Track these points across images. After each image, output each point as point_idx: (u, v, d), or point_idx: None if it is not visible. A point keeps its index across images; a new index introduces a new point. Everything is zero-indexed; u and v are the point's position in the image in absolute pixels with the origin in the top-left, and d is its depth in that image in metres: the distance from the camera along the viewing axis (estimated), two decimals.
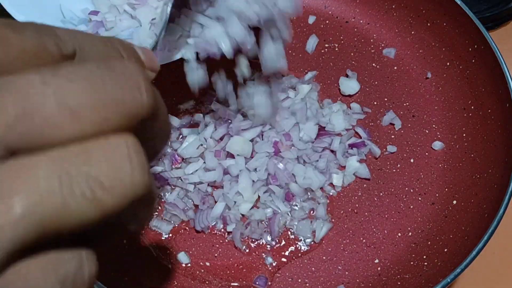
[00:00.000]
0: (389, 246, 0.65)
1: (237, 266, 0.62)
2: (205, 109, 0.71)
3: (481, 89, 0.70)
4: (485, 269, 0.68)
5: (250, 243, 0.64)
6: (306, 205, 0.65)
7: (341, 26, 0.81)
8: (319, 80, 0.76)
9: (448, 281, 0.55)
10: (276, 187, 0.64)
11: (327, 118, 0.71)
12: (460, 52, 0.73)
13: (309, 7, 0.82)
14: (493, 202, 0.60)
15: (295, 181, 0.65)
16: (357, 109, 0.74)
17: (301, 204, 0.65)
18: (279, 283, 0.62)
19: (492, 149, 0.66)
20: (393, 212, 0.67)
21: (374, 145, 0.70)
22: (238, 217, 0.63)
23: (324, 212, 0.65)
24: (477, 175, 0.66)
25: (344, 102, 0.74)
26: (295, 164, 0.65)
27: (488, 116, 0.68)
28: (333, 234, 0.65)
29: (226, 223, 0.63)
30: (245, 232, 0.63)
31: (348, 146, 0.69)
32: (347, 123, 0.71)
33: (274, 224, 0.63)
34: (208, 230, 0.64)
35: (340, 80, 0.76)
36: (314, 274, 0.62)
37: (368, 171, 0.68)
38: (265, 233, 0.64)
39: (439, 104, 0.74)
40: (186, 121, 0.70)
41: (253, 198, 0.64)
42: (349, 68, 0.77)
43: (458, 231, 0.63)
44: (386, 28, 0.80)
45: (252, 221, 0.63)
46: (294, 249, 0.64)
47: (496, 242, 0.59)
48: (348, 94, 0.75)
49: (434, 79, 0.76)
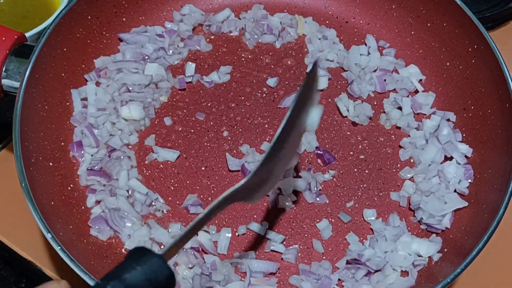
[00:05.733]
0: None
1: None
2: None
3: (481, 89, 0.70)
4: (485, 269, 0.68)
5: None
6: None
7: (341, 26, 0.81)
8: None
9: (448, 281, 0.55)
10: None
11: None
12: (460, 52, 0.72)
13: (309, 7, 0.82)
14: (493, 202, 0.60)
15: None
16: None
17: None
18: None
19: (492, 149, 0.66)
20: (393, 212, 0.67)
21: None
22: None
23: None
24: (477, 175, 0.66)
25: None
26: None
27: (488, 116, 0.68)
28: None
29: None
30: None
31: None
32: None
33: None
34: None
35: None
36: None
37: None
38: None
39: (439, 104, 0.74)
40: None
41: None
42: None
43: (458, 231, 0.63)
44: (386, 28, 0.80)
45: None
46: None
47: (496, 242, 0.59)
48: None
49: (434, 79, 0.76)
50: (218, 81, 0.75)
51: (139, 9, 0.78)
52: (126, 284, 0.37)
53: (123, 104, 0.69)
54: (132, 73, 0.72)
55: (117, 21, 0.76)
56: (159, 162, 0.69)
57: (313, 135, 0.71)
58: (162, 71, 0.73)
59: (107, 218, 0.63)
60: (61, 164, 0.66)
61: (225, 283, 0.60)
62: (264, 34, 0.78)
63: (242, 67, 0.77)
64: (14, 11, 0.82)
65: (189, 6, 0.80)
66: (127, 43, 0.75)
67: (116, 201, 0.64)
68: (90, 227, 0.63)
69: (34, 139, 0.63)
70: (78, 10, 0.70)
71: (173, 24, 0.78)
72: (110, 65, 0.72)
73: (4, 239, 0.69)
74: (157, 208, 0.65)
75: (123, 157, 0.67)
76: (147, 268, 0.38)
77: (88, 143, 0.68)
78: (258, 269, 0.61)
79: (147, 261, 0.38)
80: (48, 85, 0.67)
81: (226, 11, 0.80)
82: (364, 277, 0.61)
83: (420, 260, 0.62)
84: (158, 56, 0.75)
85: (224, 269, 0.61)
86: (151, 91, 0.72)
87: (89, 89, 0.70)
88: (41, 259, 0.68)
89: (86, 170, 0.66)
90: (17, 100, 0.61)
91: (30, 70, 0.62)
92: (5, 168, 0.74)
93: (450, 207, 0.64)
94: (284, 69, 0.77)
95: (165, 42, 0.76)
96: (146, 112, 0.71)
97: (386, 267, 0.61)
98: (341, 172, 0.69)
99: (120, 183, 0.66)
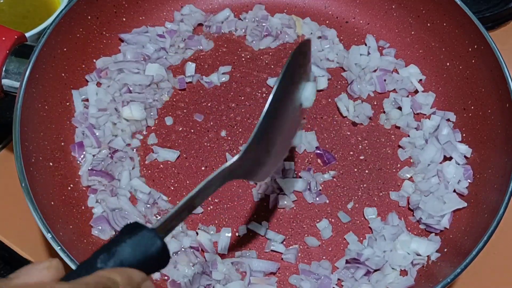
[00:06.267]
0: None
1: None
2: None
3: (481, 89, 0.70)
4: (485, 269, 0.68)
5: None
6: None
7: (341, 26, 0.81)
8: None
9: (448, 281, 0.55)
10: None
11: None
12: (460, 52, 0.72)
13: (309, 7, 0.82)
14: (493, 202, 0.60)
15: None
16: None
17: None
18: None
19: (492, 149, 0.66)
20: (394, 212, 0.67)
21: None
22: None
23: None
24: (477, 175, 0.66)
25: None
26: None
27: (488, 116, 0.68)
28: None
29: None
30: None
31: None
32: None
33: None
34: None
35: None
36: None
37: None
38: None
39: (439, 104, 0.74)
40: None
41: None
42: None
43: (458, 231, 0.63)
44: (386, 28, 0.80)
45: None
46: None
47: (496, 242, 0.59)
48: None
49: (434, 79, 0.76)
50: (218, 82, 0.75)
51: (139, 9, 0.78)
52: (115, 257, 0.36)
53: (124, 105, 0.69)
54: (133, 73, 0.72)
55: (117, 21, 0.76)
56: (159, 162, 0.69)
57: (313, 135, 0.71)
58: (163, 72, 0.73)
59: (109, 218, 0.63)
60: (61, 164, 0.66)
61: (225, 282, 0.60)
62: (265, 35, 0.78)
63: (242, 67, 0.77)
64: (14, 11, 0.82)
65: (189, 6, 0.80)
66: (128, 43, 0.75)
67: (117, 201, 0.64)
68: (92, 227, 0.63)
69: (34, 139, 0.63)
70: (78, 10, 0.70)
71: (174, 24, 0.78)
72: (111, 66, 0.72)
73: (4, 239, 0.69)
74: (161, 207, 0.65)
75: (125, 157, 0.68)
76: (137, 240, 0.37)
77: (90, 143, 0.68)
78: (258, 268, 0.61)
79: (137, 234, 0.38)
80: (48, 85, 0.67)
81: (226, 11, 0.80)
82: (364, 276, 0.61)
83: (419, 259, 0.62)
84: (159, 56, 0.75)
85: (225, 268, 0.61)
86: (152, 91, 0.72)
87: (90, 89, 0.70)
88: (41, 259, 0.68)
89: (88, 171, 0.66)
90: (17, 100, 0.61)
91: (30, 70, 0.62)
92: (5, 168, 0.74)
93: (449, 208, 0.64)
94: None
95: (166, 42, 0.76)
96: (148, 112, 0.71)
97: (385, 267, 0.61)
98: (341, 172, 0.69)
99: (122, 183, 0.66)
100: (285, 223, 0.66)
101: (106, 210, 0.64)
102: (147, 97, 0.71)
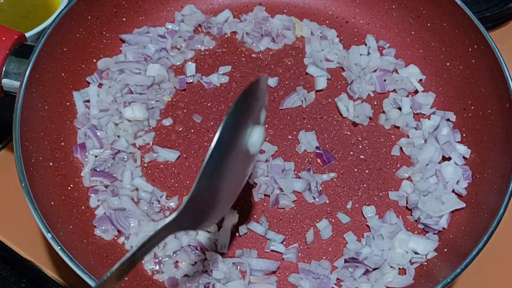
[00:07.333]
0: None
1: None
2: None
3: (481, 89, 0.70)
4: (485, 269, 0.68)
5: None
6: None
7: (341, 26, 0.81)
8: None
9: (448, 281, 0.55)
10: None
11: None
12: (460, 52, 0.73)
13: (309, 7, 0.82)
14: (493, 202, 0.60)
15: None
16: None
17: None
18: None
19: (492, 149, 0.66)
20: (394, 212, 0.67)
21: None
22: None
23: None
24: (477, 175, 0.66)
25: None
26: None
27: (488, 116, 0.68)
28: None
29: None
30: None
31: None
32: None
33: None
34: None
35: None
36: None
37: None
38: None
39: (439, 104, 0.74)
40: None
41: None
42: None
43: (458, 231, 0.63)
44: (386, 28, 0.80)
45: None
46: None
47: (496, 242, 0.59)
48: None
49: (434, 79, 0.76)
50: (218, 82, 0.75)
51: (139, 9, 0.78)
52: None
53: (126, 105, 0.69)
54: (134, 73, 0.72)
55: (117, 21, 0.76)
56: (159, 162, 0.69)
57: (313, 135, 0.71)
58: (164, 72, 0.73)
59: (111, 218, 0.63)
60: (61, 164, 0.66)
61: (225, 281, 0.60)
62: (265, 36, 0.78)
63: (242, 67, 0.77)
64: (14, 11, 0.83)
65: (189, 7, 0.80)
66: (129, 44, 0.75)
67: (119, 201, 0.64)
68: (95, 227, 0.63)
69: (34, 139, 0.63)
70: (78, 10, 0.70)
71: (174, 25, 0.78)
72: (112, 66, 0.72)
73: (4, 239, 0.69)
74: (165, 206, 0.65)
75: (127, 158, 0.68)
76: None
77: (92, 144, 0.68)
78: (258, 267, 0.61)
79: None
80: (48, 85, 0.67)
81: (226, 12, 0.80)
82: (363, 275, 0.61)
83: (418, 258, 0.62)
84: (160, 57, 0.75)
85: (225, 267, 0.61)
86: (154, 92, 0.72)
87: (91, 90, 0.71)
88: (41, 259, 0.68)
89: (90, 171, 0.66)
90: (17, 100, 0.61)
91: (30, 70, 0.62)
92: (5, 168, 0.74)
93: (448, 208, 0.64)
94: (284, 69, 0.77)
95: (167, 42, 0.76)
96: (150, 113, 0.71)
97: (384, 265, 0.61)
98: (341, 172, 0.69)
99: (124, 183, 0.66)
100: (285, 223, 0.66)
101: (107, 210, 0.64)
102: (149, 97, 0.71)
